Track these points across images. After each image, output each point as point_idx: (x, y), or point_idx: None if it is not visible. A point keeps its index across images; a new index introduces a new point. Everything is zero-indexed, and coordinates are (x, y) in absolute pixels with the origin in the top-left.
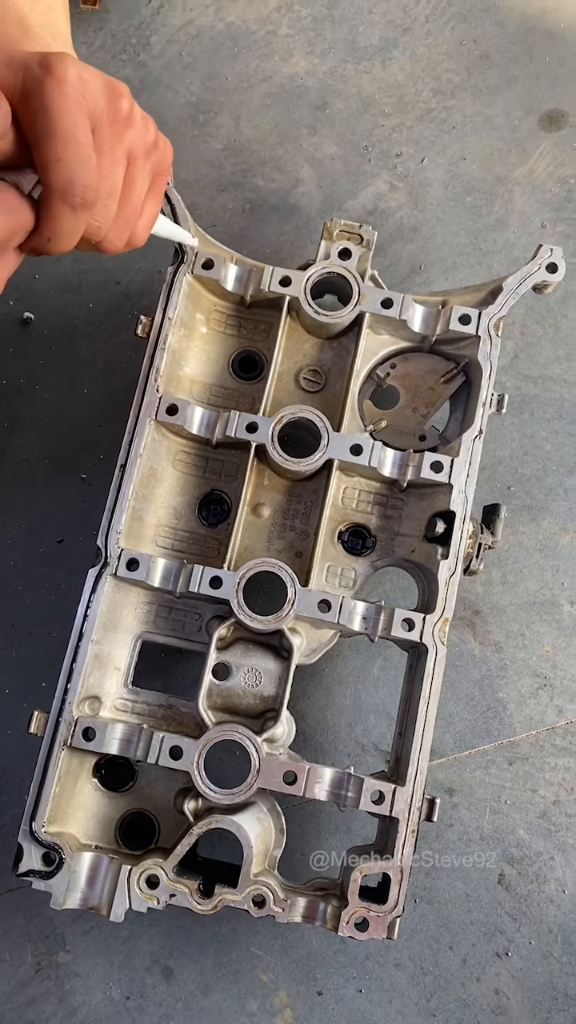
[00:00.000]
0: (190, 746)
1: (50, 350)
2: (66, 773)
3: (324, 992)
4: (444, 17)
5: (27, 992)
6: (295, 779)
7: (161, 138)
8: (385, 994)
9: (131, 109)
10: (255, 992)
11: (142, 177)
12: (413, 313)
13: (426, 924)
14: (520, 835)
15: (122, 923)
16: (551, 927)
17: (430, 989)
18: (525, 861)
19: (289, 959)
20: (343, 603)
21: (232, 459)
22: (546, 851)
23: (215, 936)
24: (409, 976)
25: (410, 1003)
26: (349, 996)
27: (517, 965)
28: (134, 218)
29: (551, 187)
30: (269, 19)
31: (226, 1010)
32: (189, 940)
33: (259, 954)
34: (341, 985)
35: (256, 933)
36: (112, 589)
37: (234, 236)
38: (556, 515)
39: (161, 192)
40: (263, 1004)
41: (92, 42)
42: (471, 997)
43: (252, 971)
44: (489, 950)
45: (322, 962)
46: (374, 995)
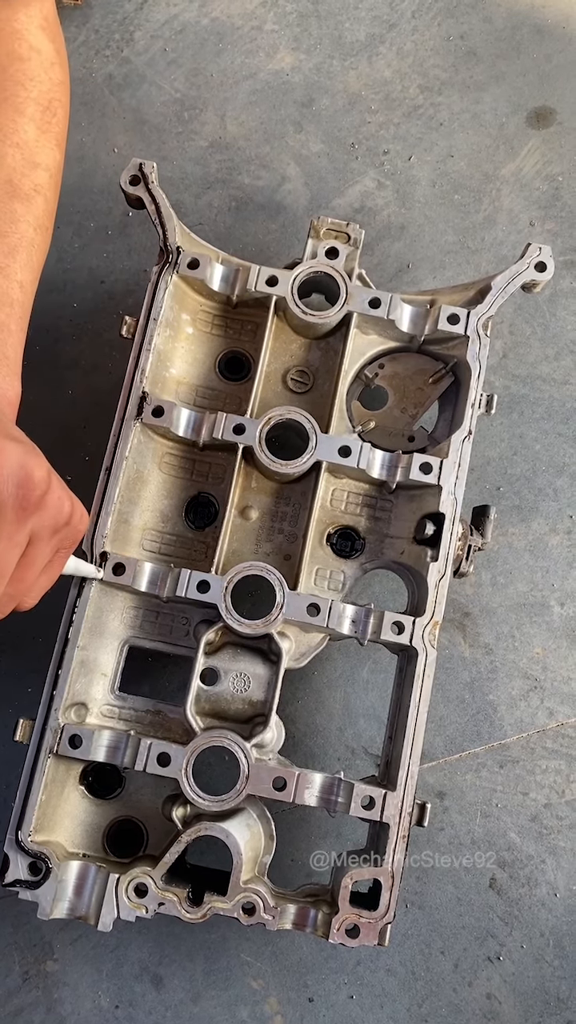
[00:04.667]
0: (178, 753)
1: (34, 350)
2: (52, 781)
3: (315, 998)
4: (431, 13)
5: (15, 1002)
6: (284, 785)
7: (77, 513)
8: (376, 1000)
9: (43, 495)
10: (246, 999)
11: (42, 556)
12: (401, 313)
13: (417, 929)
14: (511, 838)
15: (111, 931)
16: (543, 931)
17: (422, 994)
18: (516, 864)
19: (280, 965)
20: (332, 606)
21: (219, 461)
22: (537, 854)
23: (205, 943)
24: (400, 981)
25: (402, 1008)
26: (340, 1002)
27: (509, 969)
28: (22, 594)
29: (539, 185)
30: (254, 14)
31: (216, 1017)
32: (179, 947)
33: (249, 961)
34: (332, 991)
35: (246, 940)
36: (98, 594)
37: (220, 234)
38: (546, 516)
39: (63, 563)
40: (254, 1011)
41: (75, 38)
42: (463, 1002)
43: (242, 978)
44: (481, 954)
45: (313, 968)
46: (365, 1001)
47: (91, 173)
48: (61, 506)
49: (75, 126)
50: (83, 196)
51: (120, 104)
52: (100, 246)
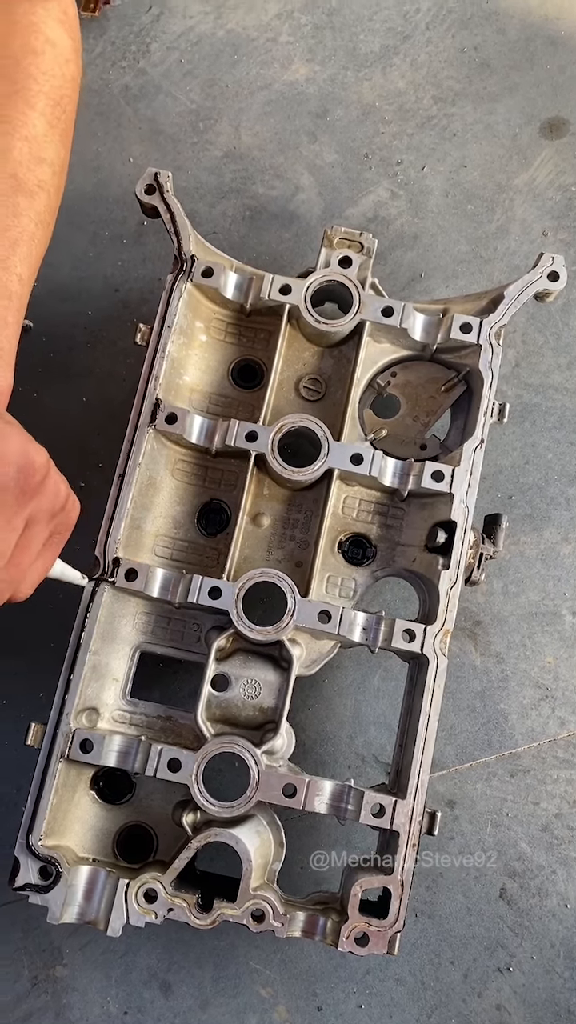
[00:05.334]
0: (188, 758)
1: (49, 358)
2: (63, 786)
3: (324, 1007)
4: (445, 24)
5: (24, 1007)
6: (295, 792)
7: (71, 500)
8: (385, 1009)
9: (43, 480)
10: (254, 1007)
11: (38, 540)
12: (414, 321)
13: (427, 938)
14: (522, 848)
15: (120, 937)
16: (553, 942)
17: (431, 1004)
18: (527, 875)
19: (289, 973)
20: (343, 614)
21: (232, 468)
22: (548, 865)
23: (214, 950)
24: (410, 991)
25: (411, 1019)
26: (349, 1011)
27: (519, 980)
28: (18, 581)
29: (552, 195)
30: (269, 26)
31: None
32: (187, 954)
33: (258, 968)
34: (341, 1000)
35: (255, 947)
36: (110, 599)
37: (234, 243)
38: (558, 525)
39: (58, 549)
40: (262, 1019)
41: (92, 49)
42: (472, 1013)
43: (251, 986)
44: (491, 965)
45: (322, 977)
46: (374, 1010)
47: (107, 182)
48: (58, 491)
49: (91, 136)
50: (98, 205)
51: (136, 114)
52: (115, 255)
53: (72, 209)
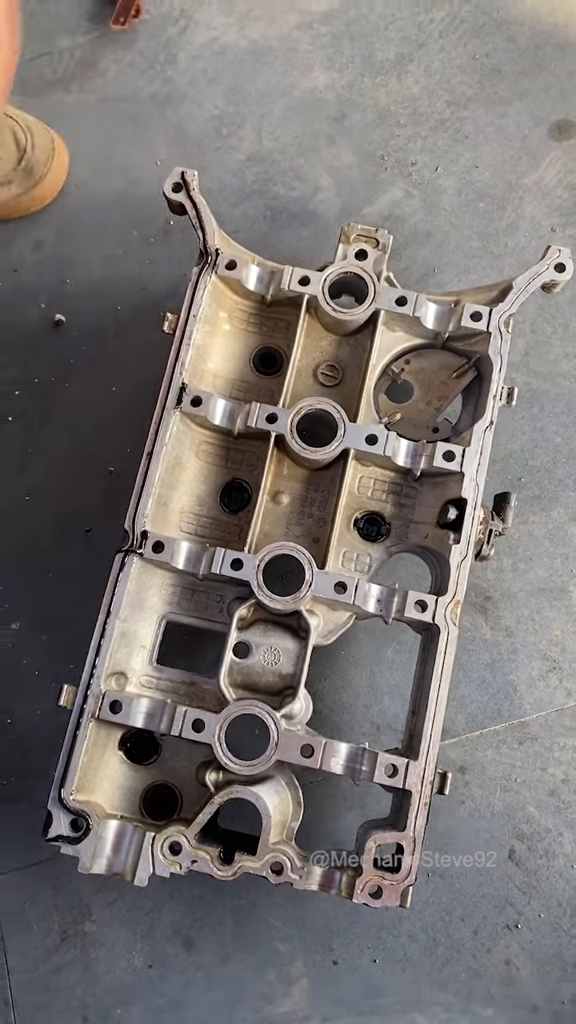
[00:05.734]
0: (212, 719)
1: (80, 351)
2: (94, 745)
3: (339, 962)
4: (457, 33)
5: (54, 960)
6: (312, 752)
7: None
8: (398, 964)
9: None
10: (273, 962)
11: None
12: (426, 311)
13: (438, 897)
14: (530, 812)
15: (145, 895)
16: (560, 900)
17: (442, 959)
18: (535, 837)
19: (306, 930)
20: (358, 585)
21: (253, 449)
22: (555, 828)
23: (234, 908)
24: (422, 947)
25: (423, 973)
26: (364, 966)
27: (527, 937)
28: None
29: (560, 193)
30: (290, 36)
31: (244, 979)
32: (209, 912)
33: (277, 925)
34: (356, 955)
35: (274, 905)
36: (138, 570)
37: (255, 241)
38: (566, 505)
39: None
40: (280, 973)
41: (122, 59)
42: (482, 967)
43: (270, 942)
44: (499, 922)
45: (338, 933)
46: (388, 965)
47: (135, 184)
48: None
49: (121, 139)
50: (128, 206)
51: (163, 120)
52: (143, 253)
53: (102, 210)
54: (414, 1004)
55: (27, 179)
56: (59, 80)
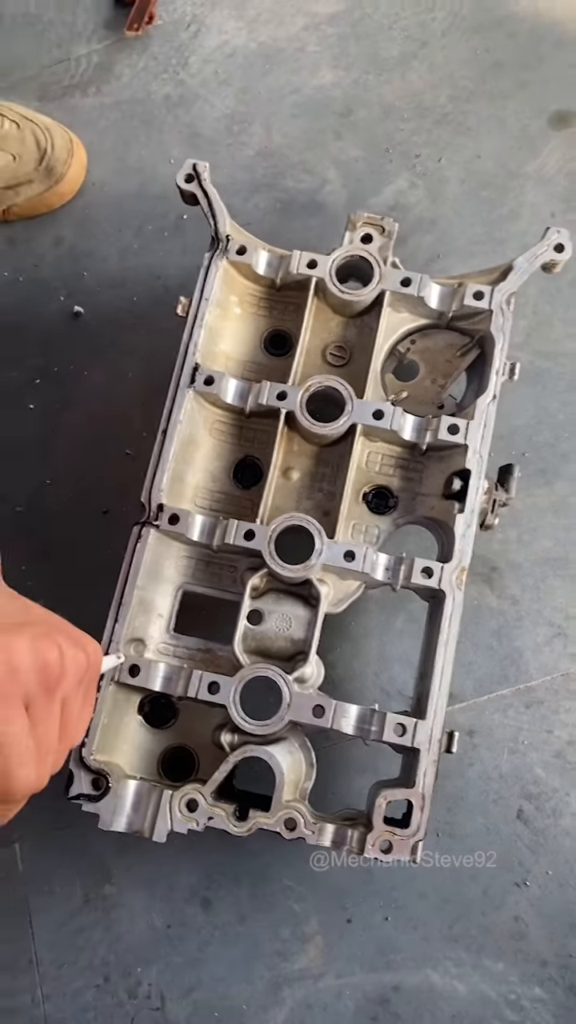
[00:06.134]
0: (227, 682)
1: (98, 340)
2: (113, 708)
3: (353, 920)
4: (459, 30)
5: (76, 921)
6: (323, 712)
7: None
8: (410, 922)
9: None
10: (287, 921)
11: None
12: (430, 291)
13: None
14: (537, 773)
15: (164, 859)
16: (568, 858)
17: (453, 917)
18: (542, 797)
19: (320, 890)
20: (367, 554)
21: (264, 427)
22: (562, 787)
23: (250, 870)
24: (433, 905)
25: (434, 930)
26: (376, 923)
27: (535, 894)
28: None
29: (560, 180)
30: (297, 37)
31: (260, 937)
32: (226, 873)
33: (291, 886)
34: (369, 913)
35: (289, 866)
36: (155, 541)
37: (266, 232)
38: (569, 478)
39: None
40: (295, 931)
41: (136, 64)
42: (491, 924)
43: (285, 902)
44: (508, 880)
45: (351, 893)
46: (400, 922)
47: (150, 181)
48: (78, 662)
49: (135, 141)
50: (143, 202)
51: (176, 121)
52: (157, 246)
53: (119, 207)
54: (426, 960)
55: (48, 178)
56: (77, 85)
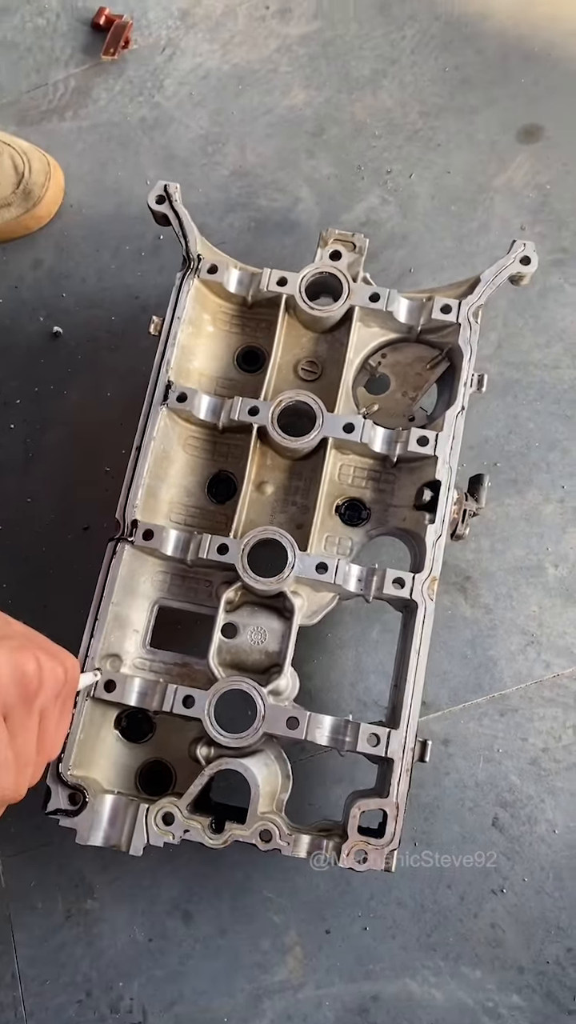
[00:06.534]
0: (201, 695)
1: (77, 359)
2: (90, 723)
3: (332, 930)
4: (428, 48)
5: (59, 937)
6: (297, 724)
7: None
8: (388, 931)
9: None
10: (268, 932)
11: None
12: (399, 306)
13: (425, 865)
14: (512, 780)
15: (145, 872)
16: (543, 865)
17: (430, 925)
18: (517, 804)
19: (299, 901)
20: (339, 565)
21: (237, 442)
22: (537, 795)
23: (230, 882)
24: (410, 913)
25: (412, 939)
26: (355, 933)
27: (512, 901)
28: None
29: (529, 193)
30: (270, 59)
31: (241, 949)
32: (206, 886)
33: (271, 897)
34: (347, 924)
35: (268, 878)
36: (130, 557)
37: (241, 251)
38: (539, 487)
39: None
40: (275, 943)
41: (112, 88)
42: (469, 931)
43: (265, 913)
44: (485, 887)
45: (329, 903)
46: (378, 932)
47: (127, 203)
48: (56, 675)
49: (112, 163)
50: (120, 223)
51: (152, 142)
52: (135, 266)
53: (96, 228)
54: (405, 968)
55: (26, 201)
56: (54, 109)
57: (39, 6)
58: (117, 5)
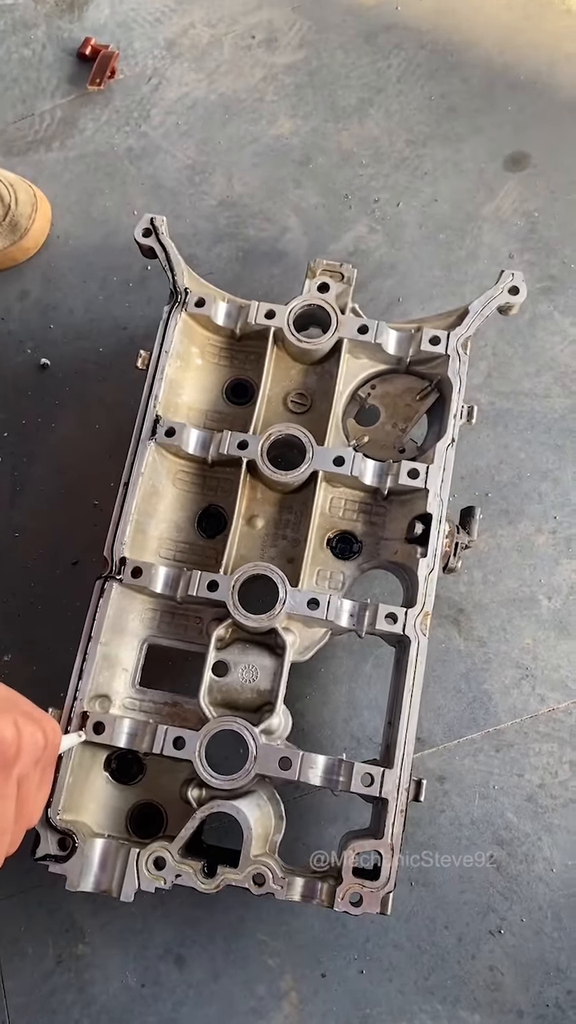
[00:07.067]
0: (192, 736)
1: (64, 391)
2: (79, 765)
3: (328, 974)
4: (414, 77)
5: (49, 983)
6: (290, 764)
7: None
8: (385, 974)
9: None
10: (262, 976)
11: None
12: (387, 337)
13: (422, 906)
14: (509, 818)
15: (136, 915)
16: (541, 904)
17: (428, 968)
18: (514, 843)
19: (294, 944)
20: (331, 600)
21: (227, 476)
22: (534, 832)
23: (224, 925)
24: (407, 956)
25: (409, 982)
26: (351, 977)
27: (510, 942)
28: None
29: (517, 221)
30: (256, 88)
31: (235, 994)
32: (199, 929)
33: (265, 940)
34: (343, 967)
35: (262, 921)
36: (118, 595)
37: (229, 282)
38: (531, 518)
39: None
40: (270, 988)
41: (99, 118)
42: (467, 974)
43: (259, 957)
44: (483, 928)
45: (325, 946)
46: (375, 975)
47: (114, 233)
48: (35, 740)
49: (99, 193)
50: (107, 254)
51: (139, 172)
52: (122, 297)
53: (83, 259)
54: (402, 1013)
55: (12, 233)
56: (41, 140)
57: (25, 37)
58: (103, 35)
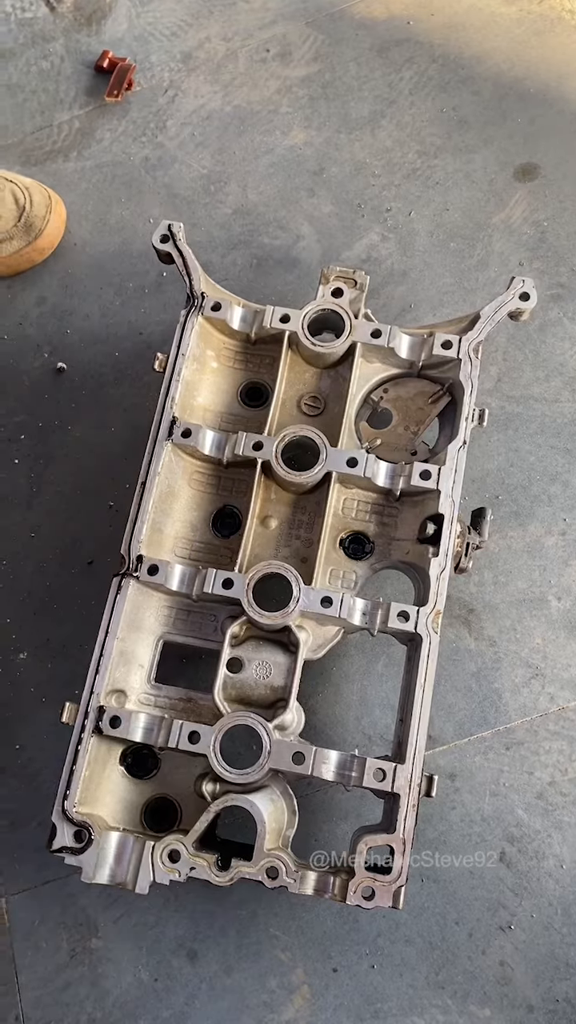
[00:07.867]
0: (207, 731)
1: (81, 395)
2: (95, 759)
3: (339, 969)
4: (426, 89)
5: (63, 977)
6: (303, 759)
7: None
8: (396, 969)
9: None
10: (274, 970)
11: None
12: (400, 342)
13: (433, 901)
14: (519, 815)
15: (149, 910)
16: (551, 900)
17: (439, 963)
18: (524, 839)
19: (306, 939)
20: (344, 599)
21: (242, 477)
22: (544, 829)
23: (236, 919)
24: (418, 951)
25: (420, 977)
26: (363, 972)
27: (520, 937)
28: None
29: (527, 230)
30: (271, 100)
31: (247, 988)
32: (212, 924)
33: (278, 935)
34: (355, 962)
35: (274, 915)
36: (135, 592)
37: (243, 288)
38: (541, 520)
39: None
40: (282, 981)
41: (116, 128)
42: (477, 969)
43: (271, 951)
44: (493, 924)
45: (337, 941)
46: (386, 970)
47: (130, 241)
48: None
49: (116, 202)
50: (123, 261)
51: (155, 182)
52: (138, 303)
53: (100, 266)
54: (413, 1007)
55: (27, 234)
56: (59, 150)
57: (44, 49)
58: (120, 49)
